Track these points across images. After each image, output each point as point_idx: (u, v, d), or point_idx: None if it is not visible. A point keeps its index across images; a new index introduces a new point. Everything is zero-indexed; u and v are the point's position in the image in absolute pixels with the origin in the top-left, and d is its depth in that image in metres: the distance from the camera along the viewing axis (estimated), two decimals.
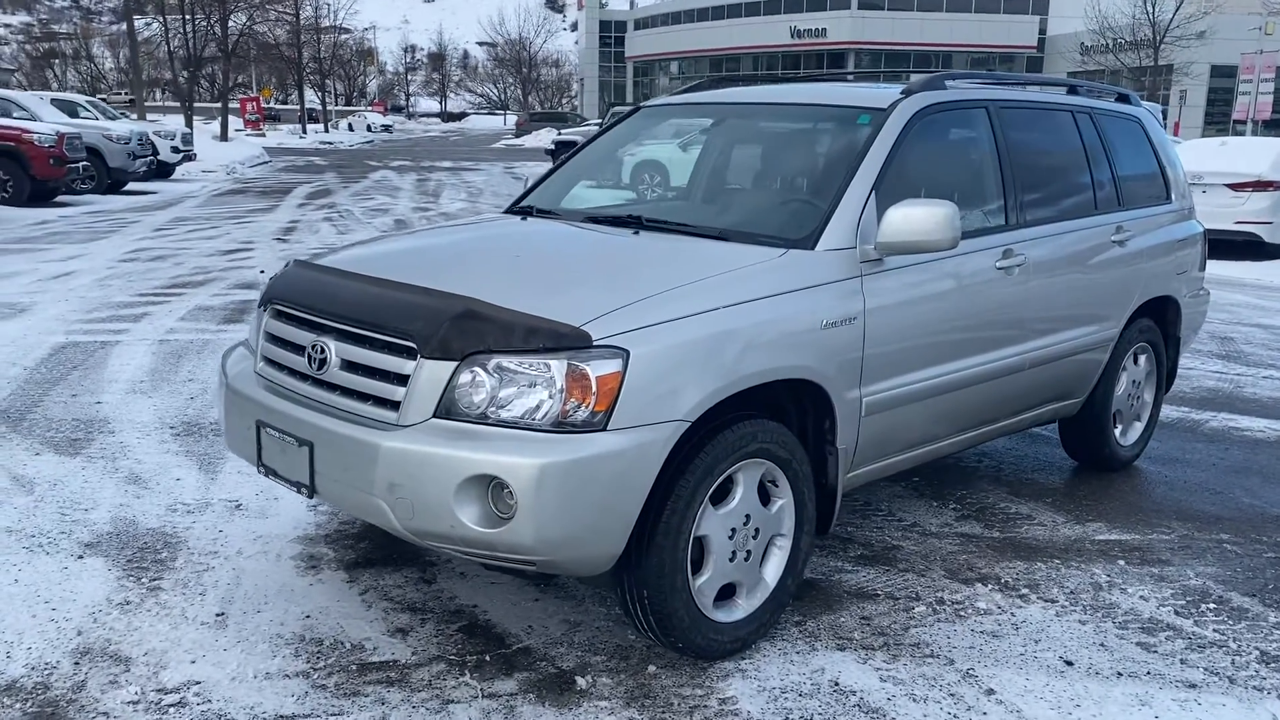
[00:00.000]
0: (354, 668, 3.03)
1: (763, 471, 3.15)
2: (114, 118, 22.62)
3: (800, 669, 3.10)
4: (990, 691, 2.99)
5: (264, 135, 45.89)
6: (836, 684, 3.02)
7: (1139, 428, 5.10)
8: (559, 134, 33.05)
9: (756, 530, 3.16)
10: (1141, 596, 3.66)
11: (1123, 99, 5.14)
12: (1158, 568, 3.91)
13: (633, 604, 2.98)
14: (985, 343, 3.87)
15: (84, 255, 11.20)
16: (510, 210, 4.26)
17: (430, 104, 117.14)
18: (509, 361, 2.75)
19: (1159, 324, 5.03)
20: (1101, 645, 3.30)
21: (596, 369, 2.71)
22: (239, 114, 47.01)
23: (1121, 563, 3.94)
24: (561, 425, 2.70)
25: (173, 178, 23.05)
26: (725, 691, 2.97)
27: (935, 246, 3.35)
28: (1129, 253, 4.66)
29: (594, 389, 2.70)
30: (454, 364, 2.76)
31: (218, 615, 3.31)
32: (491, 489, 2.68)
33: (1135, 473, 5.03)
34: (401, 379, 2.83)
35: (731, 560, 3.10)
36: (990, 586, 3.68)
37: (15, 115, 18.10)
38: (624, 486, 2.75)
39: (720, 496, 3.05)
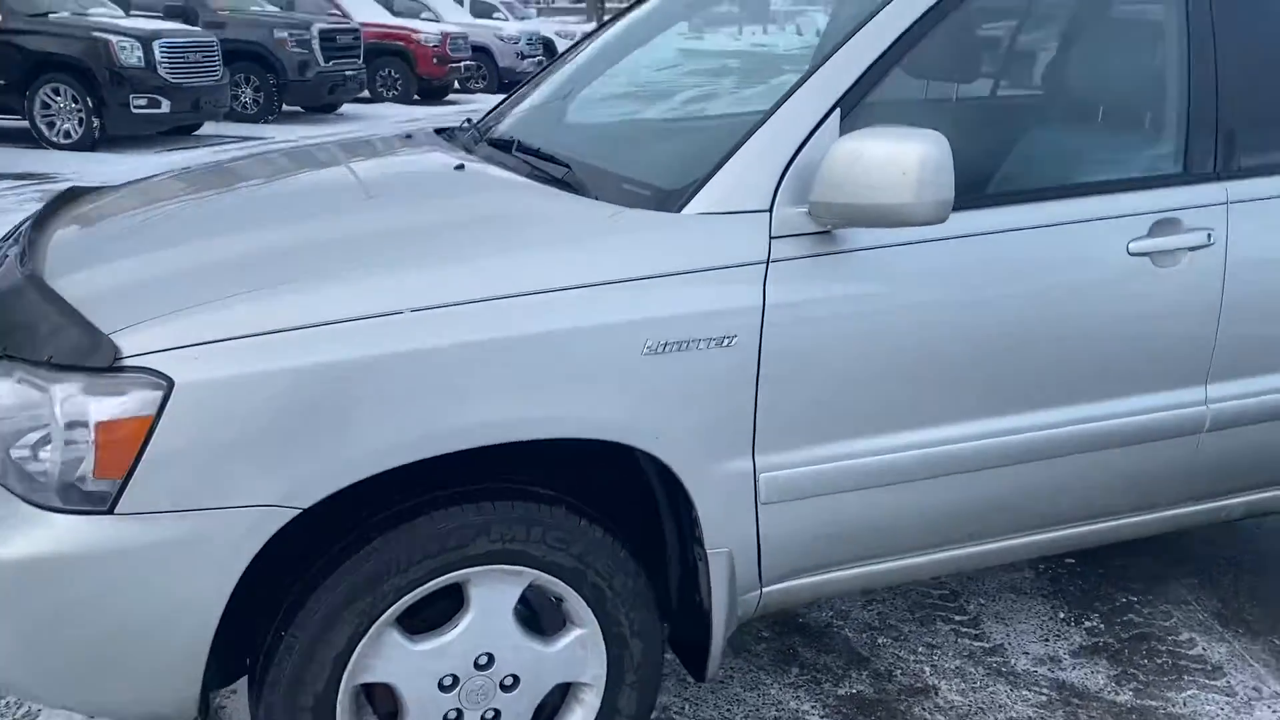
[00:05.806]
0: None
1: (529, 583, 1.88)
2: (523, 19, 23.38)
3: None
4: None
5: None
6: None
7: None
8: None
9: (514, 678, 1.90)
10: None
11: None
12: None
13: None
14: (1085, 385, 2.17)
15: None
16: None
17: None
18: (29, 376, 1.72)
19: None
20: None
21: (102, 407, 1.61)
22: None
23: None
24: (69, 494, 1.64)
25: None
26: None
27: (897, 217, 1.80)
28: None
29: (94, 440, 1.61)
30: None
31: None
32: None
33: None
34: None
35: None
36: None
37: (423, 16, 19.21)
38: (154, 609, 1.64)
39: (435, 622, 1.85)
